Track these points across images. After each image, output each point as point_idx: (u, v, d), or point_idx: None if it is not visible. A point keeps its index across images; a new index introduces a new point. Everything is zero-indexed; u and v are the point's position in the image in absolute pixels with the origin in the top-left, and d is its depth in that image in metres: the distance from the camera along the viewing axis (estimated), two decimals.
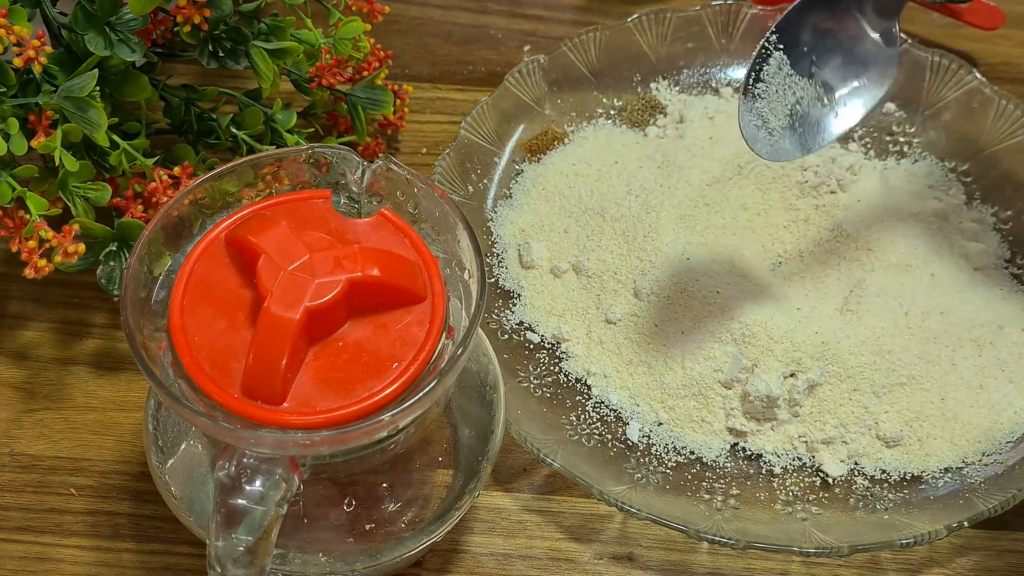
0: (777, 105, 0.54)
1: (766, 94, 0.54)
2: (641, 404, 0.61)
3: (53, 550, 0.57)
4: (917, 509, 0.57)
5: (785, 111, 0.54)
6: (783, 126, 0.53)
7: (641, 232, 0.65)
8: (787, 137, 0.53)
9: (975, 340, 0.62)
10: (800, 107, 0.53)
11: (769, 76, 0.54)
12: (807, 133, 0.54)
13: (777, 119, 0.53)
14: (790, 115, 0.53)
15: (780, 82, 0.54)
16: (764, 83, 0.54)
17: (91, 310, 0.65)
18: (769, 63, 0.54)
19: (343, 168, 0.50)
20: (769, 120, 0.53)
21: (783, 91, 0.54)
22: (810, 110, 0.53)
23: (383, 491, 0.51)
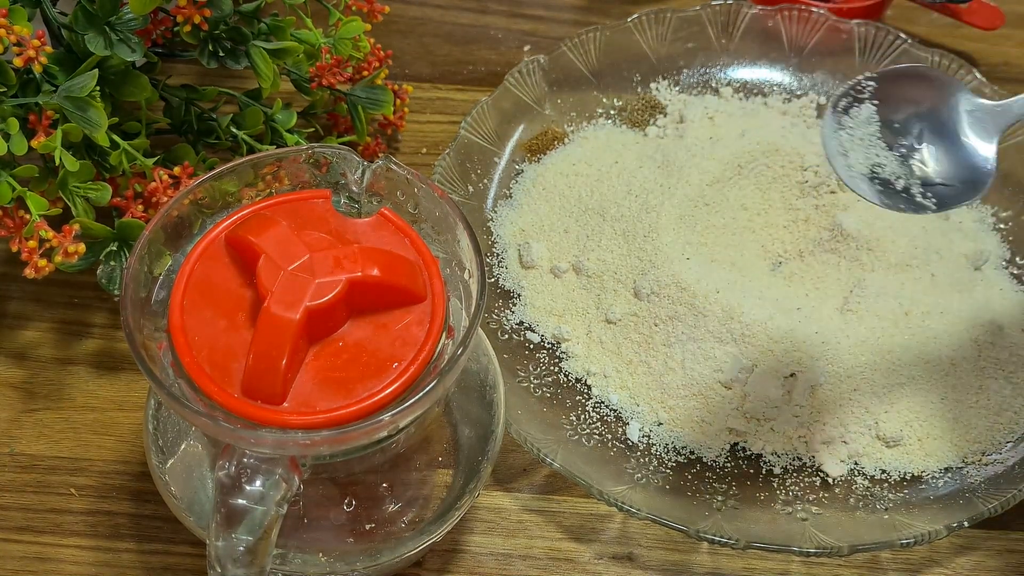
0: (859, 152, 0.54)
1: (851, 132, 0.54)
2: (641, 404, 0.61)
3: (53, 550, 0.57)
4: (917, 509, 0.57)
5: (866, 163, 0.54)
6: (863, 173, 0.53)
7: (641, 232, 0.65)
8: (864, 182, 0.53)
9: (975, 340, 0.62)
10: (880, 172, 0.53)
11: (856, 121, 0.54)
12: (886, 194, 0.54)
13: (858, 162, 0.54)
14: (870, 171, 0.54)
15: (865, 133, 0.54)
16: (851, 120, 0.54)
17: (91, 310, 0.65)
18: (860, 109, 0.54)
19: (343, 168, 0.50)
20: (849, 156, 0.54)
21: (866, 145, 0.54)
22: (892, 179, 0.53)
23: (383, 491, 0.51)
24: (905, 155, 0.53)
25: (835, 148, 0.53)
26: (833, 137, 0.54)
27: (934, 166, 0.53)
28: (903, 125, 0.54)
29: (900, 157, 0.53)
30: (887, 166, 0.53)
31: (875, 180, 0.53)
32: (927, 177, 0.53)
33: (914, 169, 0.53)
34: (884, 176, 0.53)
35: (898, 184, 0.53)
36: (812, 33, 0.75)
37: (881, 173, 0.53)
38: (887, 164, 0.53)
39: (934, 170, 0.53)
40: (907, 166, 0.53)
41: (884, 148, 0.53)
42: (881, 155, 0.53)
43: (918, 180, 0.53)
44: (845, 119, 0.54)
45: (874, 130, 0.53)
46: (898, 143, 0.53)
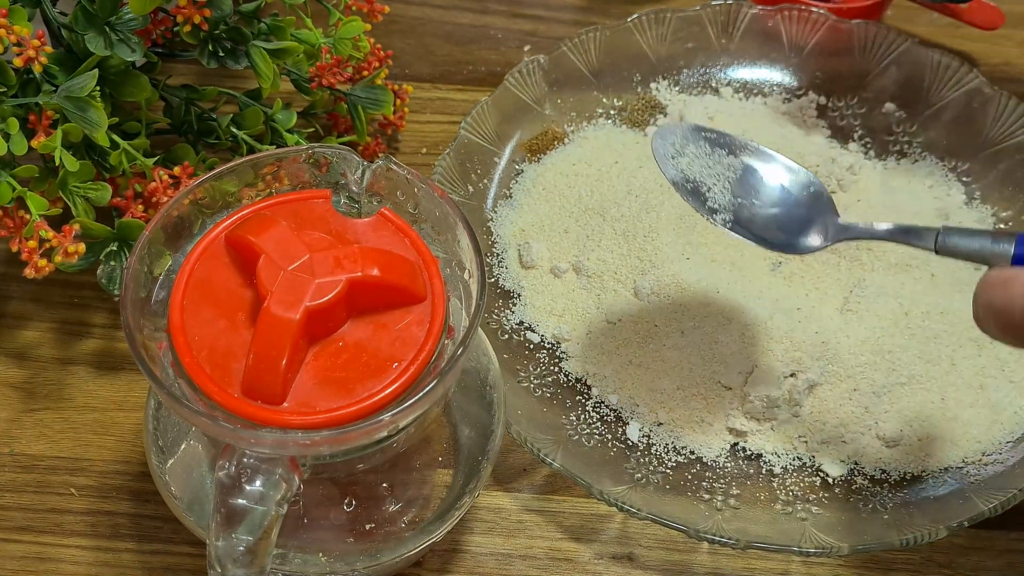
0: (695, 164, 0.56)
1: (700, 148, 0.56)
2: (641, 404, 0.61)
3: (53, 550, 0.57)
4: (917, 509, 0.57)
5: (694, 174, 0.56)
6: (684, 176, 0.56)
7: (641, 232, 0.65)
8: (680, 181, 0.56)
9: (975, 340, 0.62)
10: (700, 187, 0.55)
11: (714, 152, 0.56)
12: (693, 196, 0.56)
13: (689, 168, 0.56)
14: (690, 179, 0.56)
15: (711, 158, 0.56)
16: (708, 147, 0.56)
17: (91, 310, 0.65)
18: (723, 154, 0.56)
19: (343, 168, 0.50)
20: (680, 160, 0.55)
21: (704, 163, 0.56)
22: (705, 193, 0.55)
23: (383, 491, 0.51)
24: (740, 199, 0.55)
25: (670, 150, 0.56)
26: (674, 136, 0.56)
27: (760, 219, 0.55)
28: (756, 184, 0.56)
29: (733, 197, 0.55)
30: (713, 190, 0.55)
31: (688, 185, 0.55)
32: (745, 220, 0.55)
33: (741, 208, 0.55)
34: (701, 191, 0.55)
35: (712, 203, 0.55)
36: (812, 33, 0.75)
37: (699, 188, 0.55)
38: (714, 189, 0.55)
39: (757, 221, 0.55)
40: (733, 203, 0.55)
41: (724, 181, 0.55)
42: (713, 179, 0.55)
43: (731, 215, 0.55)
44: (704, 144, 0.56)
45: (727, 173, 0.55)
46: (742, 190, 0.56)
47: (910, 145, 0.73)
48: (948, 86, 0.72)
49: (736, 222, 0.55)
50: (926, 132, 0.73)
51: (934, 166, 0.72)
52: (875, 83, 0.74)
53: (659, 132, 0.56)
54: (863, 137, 0.73)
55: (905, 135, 0.73)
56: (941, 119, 0.72)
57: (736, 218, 0.55)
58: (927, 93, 0.73)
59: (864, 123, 0.74)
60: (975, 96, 0.72)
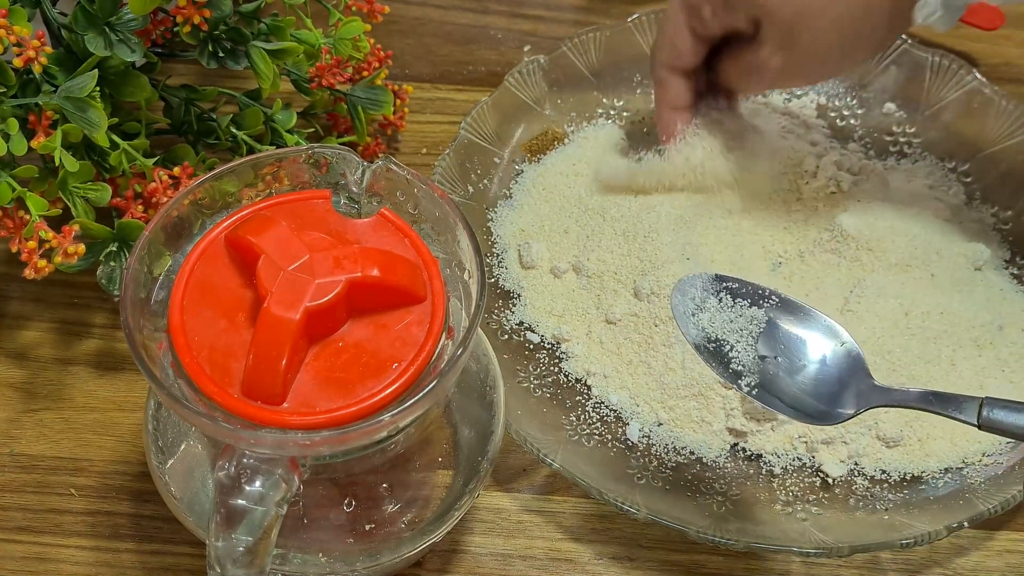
0: (716, 320, 0.55)
1: (723, 305, 0.55)
2: (641, 404, 0.61)
3: (53, 550, 0.57)
4: (917, 509, 0.57)
5: (713, 331, 0.54)
6: (704, 337, 0.54)
7: (641, 232, 0.65)
8: (701, 342, 0.54)
9: (975, 340, 0.62)
10: (722, 347, 0.54)
11: (737, 308, 0.55)
12: (713, 357, 0.54)
13: (710, 326, 0.54)
14: (711, 339, 0.54)
15: (738, 320, 0.54)
16: (731, 301, 0.55)
17: (91, 310, 0.65)
18: (748, 308, 0.54)
19: (343, 168, 0.50)
20: (701, 318, 0.55)
21: (726, 320, 0.55)
22: (729, 354, 0.54)
23: (383, 491, 0.51)
24: (765, 357, 0.53)
25: (690, 305, 0.54)
26: (694, 290, 0.55)
27: (787, 383, 0.53)
28: (783, 339, 0.54)
29: (758, 355, 0.53)
30: (737, 348, 0.53)
31: (710, 346, 0.54)
32: (771, 383, 0.53)
33: (767, 370, 0.53)
34: (724, 351, 0.53)
35: (735, 365, 0.53)
36: None
37: (722, 348, 0.54)
38: (737, 347, 0.53)
39: (784, 385, 0.53)
40: (758, 363, 0.53)
41: (748, 336, 0.54)
42: (736, 336, 0.54)
43: (756, 378, 0.53)
44: (726, 296, 0.54)
45: (750, 327, 0.54)
46: (767, 347, 0.54)
47: (910, 145, 0.73)
48: (948, 86, 0.72)
49: (762, 386, 0.53)
50: (926, 132, 0.73)
51: (934, 166, 0.72)
52: (875, 83, 0.74)
53: (678, 287, 0.55)
54: (863, 137, 0.73)
55: (905, 135, 0.73)
56: (941, 119, 0.72)
57: (762, 381, 0.53)
58: (927, 93, 0.73)
59: (864, 123, 0.74)
60: (975, 96, 0.72)
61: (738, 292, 0.54)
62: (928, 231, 0.67)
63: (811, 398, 0.52)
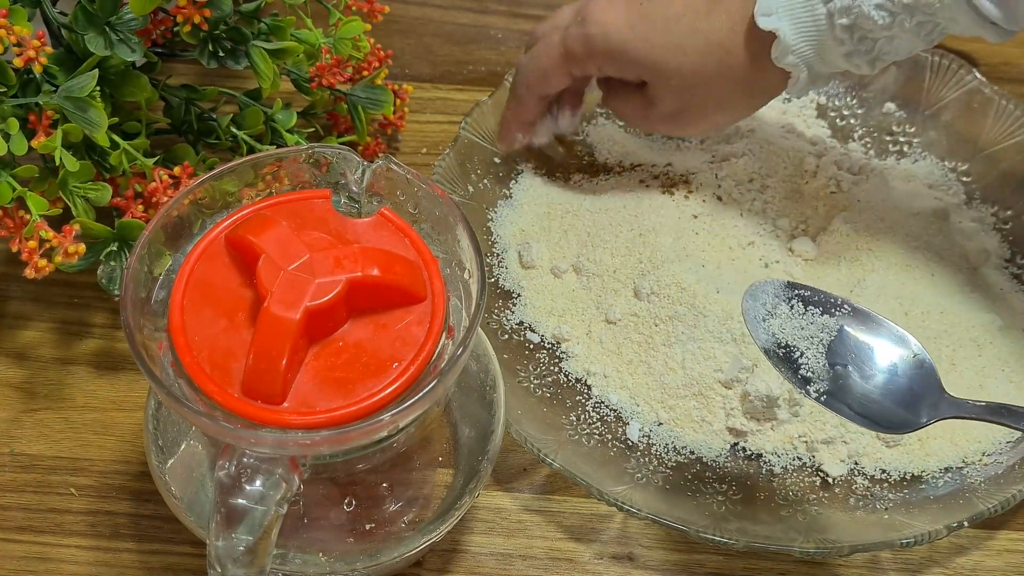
0: (787, 327, 0.55)
1: (794, 312, 0.55)
2: (641, 404, 0.61)
3: (53, 550, 0.57)
4: (917, 509, 0.57)
5: (784, 337, 0.55)
6: (775, 342, 0.54)
7: (641, 232, 0.65)
8: (771, 346, 0.54)
9: (975, 340, 0.62)
10: (792, 353, 0.54)
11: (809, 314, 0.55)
12: (783, 363, 0.54)
13: (781, 332, 0.55)
14: (782, 344, 0.54)
15: (810, 326, 0.55)
16: (803, 308, 0.55)
17: (91, 310, 0.65)
18: (820, 315, 0.55)
19: (343, 168, 0.50)
20: (772, 323, 0.55)
21: (797, 327, 0.55)
22: (798, 359, 0.54)
23: (383, 491, 0.51)
24: (835, 365, 0.53)
25: (761, 311, 0.55)
26: (766, 296, 0.55)
27: (857, 391, 0.53)
28: (854, 348, 0.54)
29: (828, 363, 0.54)
30: (807, 355, 0.54)
31: (780, 351, 0.54)
32: (841, 391, 0.53)
33: (837, 377, 0.53)
34: (793, 357, 0.54)
35: (805, 371, 0.53)
36: None
37: (792, 354, 0.54)
38: (808, 353, 0.53)
39: (854, 393, 0.53)
40: (828, 371, 0.53)
41: (819, 344, 0.54)
42: (806, 343, 0.54)
43: (826, 385, 0.53)
44: (797, 303, 0.55)
45: (821, 335, 0.54)
46: (838, 355, 0.54)
47: (910, 145, 0.73)
48: (948, 86, 0.72)
49: (830, 393, 0.53)
50: (926, 132, 0.73)
51: (934, 166, 0.72)
52: (875, 83, 0.74)
53: (750, 291, 0.55)
54: (863, 137, 0.73)
55: (905, 135, 0.73)
56: (941, 119, 0.72)
57: (831, 388, 0.53)
58: (927, 93, 0.73)
59: (864, 123, 0.74)
60: (975, 96, 0.72)
61: (810, 300, 0.55)
62: (928, 231, 0.67)
63: (881, 407, 0.53)
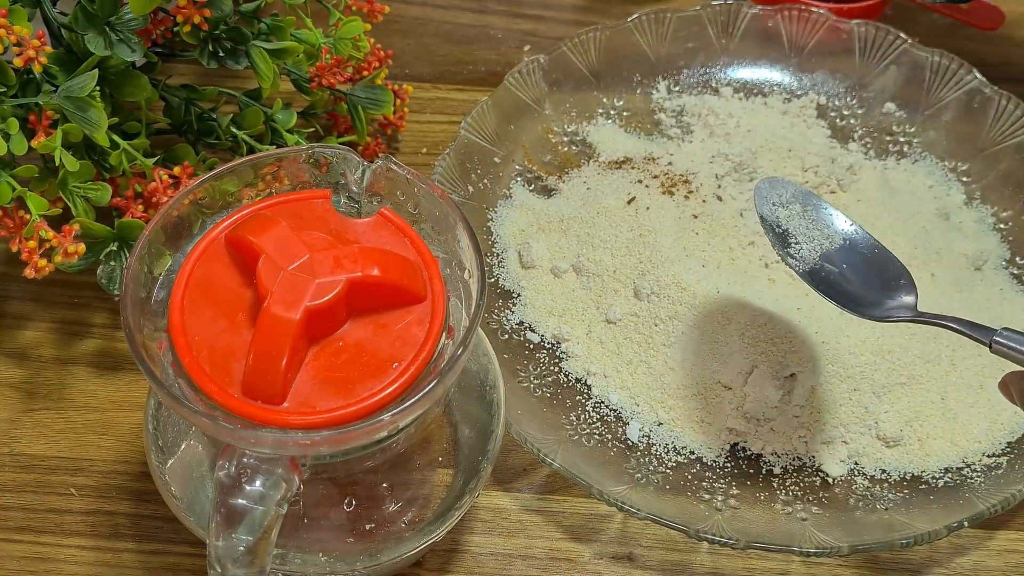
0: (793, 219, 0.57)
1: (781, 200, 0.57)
2: (641, 404, 0.61)
3: (53, 550, 0.57)
4: (917, 509, 0.57)
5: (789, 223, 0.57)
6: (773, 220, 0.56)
7: (641, 232, 0.65)
8: (774, 232, 0.56)
9: None
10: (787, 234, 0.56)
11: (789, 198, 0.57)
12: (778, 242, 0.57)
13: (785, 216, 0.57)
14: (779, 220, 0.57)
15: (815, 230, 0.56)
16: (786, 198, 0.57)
17: (91, 310, 0.65)
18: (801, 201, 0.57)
19: (343, 168, 0.50)
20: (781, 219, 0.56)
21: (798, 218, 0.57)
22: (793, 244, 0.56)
23: (383, 491, 0.51)
24: (827, 265, 0.56)
25: (774, 196, 0.57)
26: (784, 190, 0.57)
27: (835, 283, 0.56)
28: (851, 263, 0.56)
29: (822, 260, 0.56)
30: (803, 246, 0.56)
31: (778, 229, 0.56)
32: (819, 276, 0.56)
33: (822, 269, 0.56)
34: (789, 241, 0.56)
35: (795, 253, 0.56)
36: (812, 33, 0.75)
37: (788, 238, 0.56)
38: (805, 245, 0.56)
39: (831, 282, 0.56)
40: (818, 263, 0.56)
41: (817, 245, 0.56)
42: (806, 240, 0.56)
43: (809, 267, 0.55)
44: (812, 210, 0.57)
45: (825, 242, 0.56)
46: (832, 260, 0.56)
47: (910, 145, 0.73)
48: (948, 86, 0.72)
49: (809, 273, 0.55)
50: (926, 132, 0.73)
51: (934, 166, 0.72)
52: (875, 83, 0.74)
53: (769, 180, 0.57)
54: (863, 137, 0.73)
55: (905, 135, 0.73)
56: (941, 119, 0.72)
57: (812, 270, 0.55)
58: (927, 93, 0.73)
59: (864, 123, 0.74)
60: (975, 96, 0.72)
61: (823, 211, 0.57)
62: (928, 231, 0.67)
63: (854, 297, 0.55)
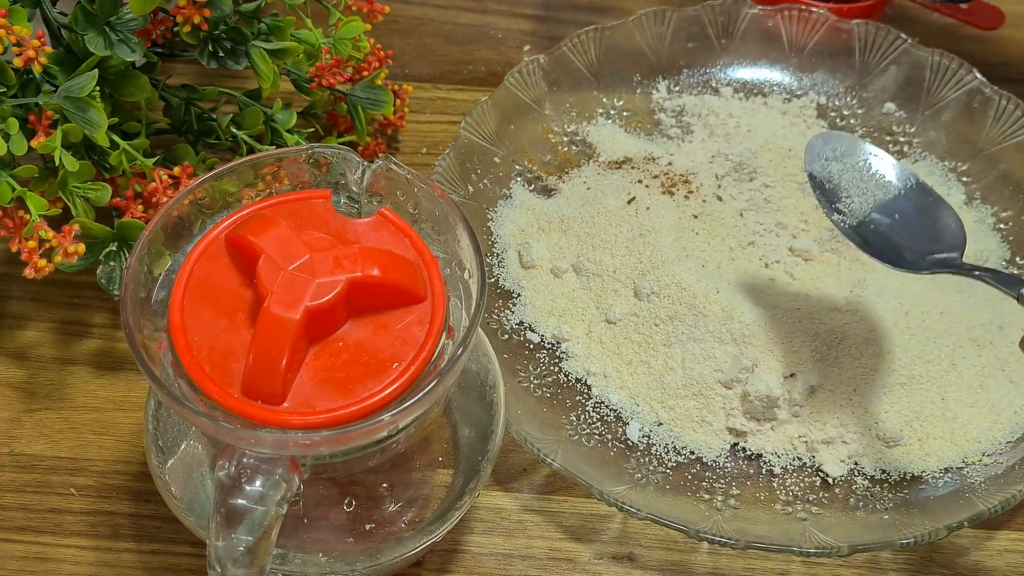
0: (847, 173, 0.57)
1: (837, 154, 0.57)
2: (641, 404, 0.61)
3: (53, 550, 0.57)
4: (917, 509, 0.57)
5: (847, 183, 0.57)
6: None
7: (641, 232, 0.65)
8: (822, 188, 0.56)
9: (975, 340, 0.62)
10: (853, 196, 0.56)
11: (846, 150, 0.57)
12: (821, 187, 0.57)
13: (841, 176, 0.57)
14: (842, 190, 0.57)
15: (855, 168, 0.56)
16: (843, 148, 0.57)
17: (91, 310, 0.65)
18: (862, 148, 0.57)
19: (343, 168, 0.50)
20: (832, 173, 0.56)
21: (853, 174, 0.57)
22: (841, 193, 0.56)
23: (383, 491, 0.51)
24: (877, 217, 0.56)
25: (827, 152, 0.57)
26: (839, 143, 0.57)
27: (882, 236, 0.56)
28: (903, 213, 0.57)
29: (871, 214, 0.56)
30: (852, 200, 0.56)
31: (827, 184, 0.56)
32: (866, 231, 0.56)
33: (871, 222, 0.56)
34: (839, 195, 0.57)
35: (843, 207, 0.56)
36: (812, 33, 0.75)
37: (838, 193, 0.56)
38: (855, 199, 0.55)
39: (878, 235, 0.56)
40: (868, 216, 0.56)
41: (870, 197, 0.56)
42: (858, 193, 0.56)
43: (856, 221, 0.56)
44: (865, 164, 0.57)
45: (877, 193, 0.56)
46: (883, 211, 0.56)
47: (910, 145, 0.73)
48: (948, 86, 0.72)
49: (854, 228, 0.55)
50: (926, 132, 0.73)
51: (934, 166, 0.72)
52: (875, 83, 0.74)
53: (823, 135, 0.57)
54: (863, 137, 0.73)
55: (905, 135, 0.73)
56: (941, 119, 0.72)
57: (858, 225, 0.55)
58: (927, 93, 0.73)
59: (864, 123, 0.74)
60: (975, 96, 0.72)
61: (880, 160, 0.57)
62: None
63: (896, 250, 0.55)
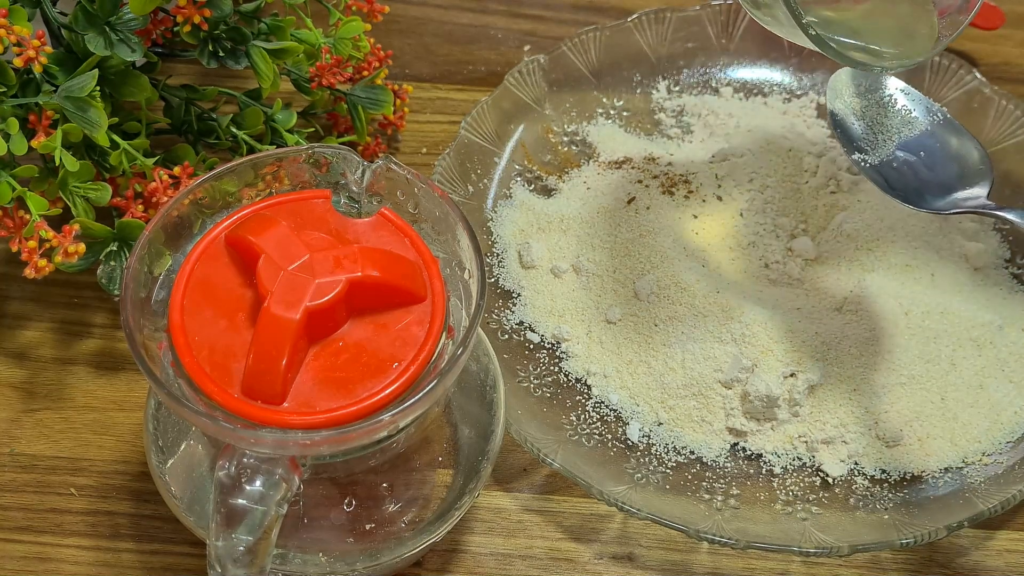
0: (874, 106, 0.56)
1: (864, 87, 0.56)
2: (641, 404, 0.61)
3: (53, 550, 0.57)
4: (917, 509, 0.57)
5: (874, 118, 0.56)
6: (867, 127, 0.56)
7: (641, 232, 0.65)
8: (843, 125, 0.55)
9: (975, 340, 0.62)
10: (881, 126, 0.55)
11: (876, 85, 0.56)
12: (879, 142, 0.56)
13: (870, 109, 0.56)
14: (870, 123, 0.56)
15: (883, 102, 0.56)
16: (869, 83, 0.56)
17: (91, 310, 0.65)
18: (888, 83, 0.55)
19: (343, 168, 0.50)
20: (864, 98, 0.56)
21: (883, 109, 0.56)
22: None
23: (383, 491, 0.51)
24: (901, 156, 0.54)
25: (852, 87, 0.55)
26: (860, 82, 0.56)
27: (904, 175, 0.55)
28: (927, 149, 0.55)
29: (895, 152, 0.54)
30: (876, 139, 0.54)
31: (848, 122, 0.55)
32: (888, 170, 0.55)
33: (894, 160, 0.55)
34: (858, 133, 0.55)
35: (864, 143, 0.54)
36: None
37: (859, 131, 0.55)
38: (878, 138, 0.54)
39: (900, 175, 0.55)
40: (892, 155, 0.54)
41: (895, 135, 0.54)
42: (882, 132, 0.54)
43: (877, 159, 0.54)
44: (891, 99, 0.55)
45: (903, 130, 0.55)
46: (908, 149, 0.55)
47: None
48: (948, 86, 0.72)
49: (875, 167, 0.53)
50: None
51: None
52: None
53: (848, 70, 0.55)
54: None
55: None
56: None
57: (881, 164, 0.53)
58: (927, 93, 0.73)
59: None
60: (975, 96, 0.71)
61: (909, 97, 0.55)
62: (928, 231, 0.67)
63: (924, 187, 0.53)
